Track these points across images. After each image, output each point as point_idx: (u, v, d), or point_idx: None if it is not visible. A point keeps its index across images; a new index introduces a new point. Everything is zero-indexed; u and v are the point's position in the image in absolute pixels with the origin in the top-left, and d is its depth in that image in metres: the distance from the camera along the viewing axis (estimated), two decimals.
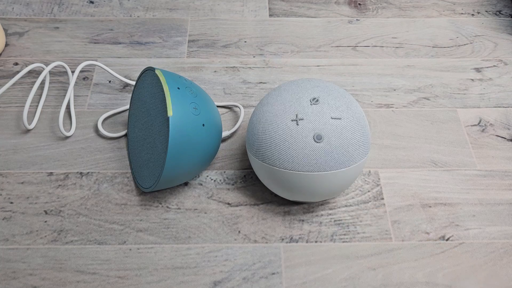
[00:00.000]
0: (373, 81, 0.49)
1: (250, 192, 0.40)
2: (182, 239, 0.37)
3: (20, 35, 0.51)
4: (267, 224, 0.38)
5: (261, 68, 0.50)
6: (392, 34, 0.54)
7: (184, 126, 0.33)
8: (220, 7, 0.56)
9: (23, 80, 0.47)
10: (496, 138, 0.45)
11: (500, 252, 0.37)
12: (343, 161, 0.33)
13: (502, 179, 0.42)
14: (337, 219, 0.39)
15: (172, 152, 0.32)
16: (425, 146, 0.44)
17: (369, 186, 0.41)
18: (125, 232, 0.38)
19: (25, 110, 0.42)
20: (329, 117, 0.33)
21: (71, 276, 0.35)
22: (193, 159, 0.34)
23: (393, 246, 0.38)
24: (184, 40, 0.52)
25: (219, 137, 0.37)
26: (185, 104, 0.33)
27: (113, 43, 0.51)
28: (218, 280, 0.35)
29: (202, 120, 0.34)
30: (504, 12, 0.57)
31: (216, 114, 0.37)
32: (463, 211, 0.40)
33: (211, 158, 0.37)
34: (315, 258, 0.37)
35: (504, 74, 0.50)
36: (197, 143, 0.34)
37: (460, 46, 0.53)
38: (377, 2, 0.58)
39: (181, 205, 0.39)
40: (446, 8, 0.57)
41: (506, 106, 0.47)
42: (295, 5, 0.57)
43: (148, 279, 0.35)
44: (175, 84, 0.34)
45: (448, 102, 0.47)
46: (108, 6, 0.55)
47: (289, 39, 0.53)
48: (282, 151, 0.33)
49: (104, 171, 0.41)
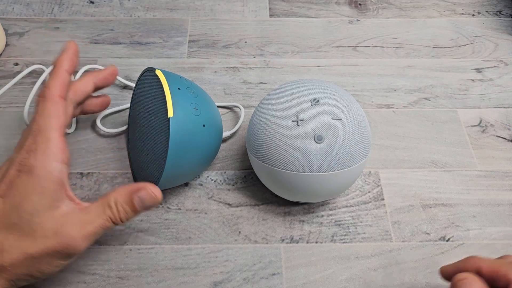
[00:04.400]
0: (373, 81, 0.49)
1: (250, 192, 0.40)
2: (182, 239, 0.37)
3: (20, 35, 0.51)
4: (268, 225, 0.38)
5: (262, 69, 0.50)
6: (393, 35, 0.54)
7: (185, 126, 0.33)
8: (220, 7, 0.56)
9: (23, 80, 0.47)
10: (497, 138, 0.45)
11: (501, 253, 0.37)
12: (343, 162, 0.33)
13: (503, 179, 0.42)
14: (337, 220, 0.39)
15: (172, 153, 0.32)
16: (426, 146, 0.44)
17: (370, 187, 0.41)
18: (126, 232, 0.38)
19: (25, 108, 0.42)
20: (329, 117, 0.33)
21: (71, 277, 0.35)
22: (193, 159, 0.34)
23: (393, 247, 0.38)
24: (185, 40, 0.52)
25: (220, 137, 0.37)
26: (186, 105, 0.33)
27: (113, 43, 0.51)
28: (218, 281, 0.35)
29: (203, 121, 0.34)
30: (504, 12, 0.57)
31: (216, 115, 0.37)
32: (463, 211, 0.40)
33: (211, 159, 0.37)
34: (316, 259, 0.37)
35: (504, 75, 0.50)
36: (198, 143, 0.34)
37: (460, 46, 0.53)
38: (377, 2, 0.58)
39: (182, 206, 0.39)
40: (446, 8, 0.57)
41: (506, 107, 0.47)
42: (296, 5, 0.57)
43: (148, 279, 0.35)
44: (176, 85, 0.34)
45: (449, 103, 0.47)
46: (108, 6, 0.55)
47: (290, 39, 0.53)
48: (282, 151, 0.33)
49: (105, 172, 0.41)
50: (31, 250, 0.28)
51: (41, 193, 0.28)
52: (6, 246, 0.28)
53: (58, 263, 0.29)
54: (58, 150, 0.29)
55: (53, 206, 0.29)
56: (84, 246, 0.29)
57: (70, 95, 0.34)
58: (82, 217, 0.29)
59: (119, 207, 0.30)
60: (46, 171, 0.28)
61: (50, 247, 0.28)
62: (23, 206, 0.28)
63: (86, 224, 0.29)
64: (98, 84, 0.37)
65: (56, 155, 0.29)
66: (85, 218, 0.29)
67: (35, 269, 0.28)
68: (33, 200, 0.28)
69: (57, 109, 0.30)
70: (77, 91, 0.35)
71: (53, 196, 0.29)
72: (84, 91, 0.36)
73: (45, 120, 0.29)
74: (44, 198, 0.28)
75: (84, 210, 0.30)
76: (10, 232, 0.28)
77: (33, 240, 0.28)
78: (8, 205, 0.28)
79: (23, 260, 0.28)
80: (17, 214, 0.28)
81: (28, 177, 0.28)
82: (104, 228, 0.30)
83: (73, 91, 0.34)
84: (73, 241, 0.28)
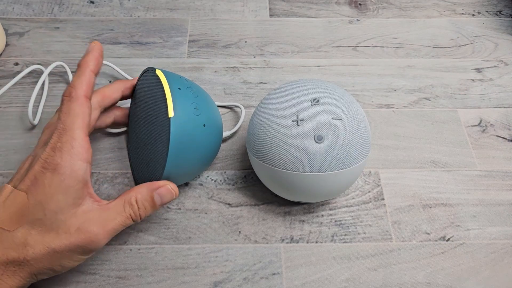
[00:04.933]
0: (373, 81, 0.49)
1: (250, 192, 0.40)
2: (182, 239, 0.37)
3: (20, 35, 0.51)
4: (268, 225, 0.38)
5: (262, 68, 0.50)
6: (393, 34, 0.54)
7: (185, 126, 0.33)
8: (220, 7, 0.56)
9: (23, 80, 0.47)
10: (497, 138, 0.45)
11: (501, 253, 0.37)
12: (343, 162, 0.33)
13: (503, 179, 0.42)
14: (337, 220, 0.39)
15: (173, 153, 0.32)
16: (426, 146, 0.44)
17: (370, 187, 0.41)
18: (126, 232, 0.38)
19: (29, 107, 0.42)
20: (329, 117, 0.33)
21: (71, 276, 0.35)
22: (194, 159, 0.34)
23: (393, 247, 0.38)
24: (185, 40, 0.52)
25: (220, 137, 0.37)
26: (186, 105, 0.33)
27: (113, 43, 0.51)
28: (218, 281, 0.35)
29: (203, 121, 0.34)
30: (504, 12, 0.57)
31: (217, 114, 0.37)
32: (463, 211, 0.40)
33: (212, 158, 0.37)
34: (316, 259, 0.37)
35: (504, 75, 0.50)
36: (198, 143, 0.34)
37: (460, 46, 0.53)
38: (377, 2, 0.58)
39: (182, 206, 0.39)
40: (446, 8, 0.57)
41: (506, 107, 0.47)
42: (296, 5, 0.57)
43: (148, 279, 0.35)
44: (176, 84, 0.34)
45: (449, 103, 0.47)
46: (108, 6, 0.55)
47: (290, 39, 0.53)
48: (282, 151, 0.33)
49: (105, 171, 0.41)
50: (54, 245, 0.29)
51: (66, 192, 0.29)
52: (30, 240, 0.28)
53: (79, 258, 0.30)
54: (83, 149, 0.30)
55: (76, 204, 0.30)
56: (104, 242, 0.30)
57: (98, 100, 0.35)
58: (104, 215, 0.30)
59: (140, 204, 0.32)
60: (71, 170, 0.29)
61: (73, 243, 0.29)
62: (48, 204, 0.29)
63: (108, 221, 0.30)
64: (125, 93, 0.38)
65: (81, 154, 0.30)
66: (106, 216, 0.30)
67: (57, 263, 0.29)
68: (58, 198, 0.29)
69: (83, 109, 0.31)
70: (105, 97, 0.36)
71: (77, 194, 0.30)
72: (112, 97, 0.36)
73: (71, 119, 0.30)
74: (69, 197, 0.29)
75: (105, 207, 0.31)
76: (33, 227, 0.29)
77: (56, 236, 0.29)
78: (33, 201, 0.29)
79: (46, 255, 0.29)
80: (41, 211, 0.29)
81: (53, 175, 0.29)
82: (124, 225, 0.31)
83: (101, 96, 0.35)
84: (95, 237, 0.30)
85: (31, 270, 0.29)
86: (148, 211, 0.32)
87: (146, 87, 0.37)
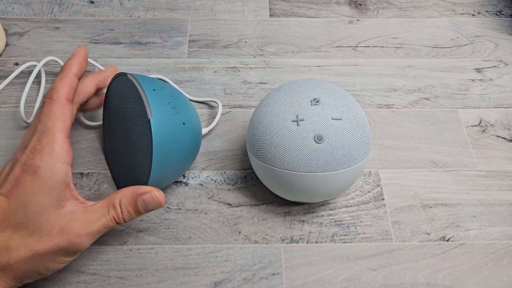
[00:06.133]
0: (373, 81, 0.49)
1: (250, 192, 0.40)
2: (182, 239, 0.37)
3: (20, 35, 0.51)
4: (268, 225, 0.38)
5: (262, 68, 0.50)
6: (393, 35, 0.54)
7: (166, 126, 0.32)
8: (220, 7, 0.56)
9: (22, 80, 0.47)
10: (497, 138, 0.45)
11: (501, 253, 0.37)
12: (343, 162, 0.33)
13: (503, 179, 0.42)
14: (337, 220, 0.39)
15: (157, 154, 0.32)
16: (426, 146, 0.44)
17: (370, 187, 0.41)
18: (126, 232, 0.38)
19: (21, 107, 0.41)
20: (329, 117, 0.33)
21: (71, 277, 0.35)
22: (178, 158, 0.34)
23: (393, 247, 0.38)
24: (185, 40, 0.52)
25: (200, 134, 0.37)
26: (163, 105, 0.33)
27: (113, 43, 0.51)
28: (218, 281, 0.35)
29: (182, 119, 0.34)
30: (504, 12, 0.57)
31: (193, 112, 0.37)
32: (463, 211, 0.40)
33: (194, 156, 0.37)
34: (316, 259, 0.37)
35: (504, 75, 0.50)
36: (181, 142, 0.34)
37: (460, 46, 0.53)
38: (377, 2, 0.58)
39: (182, 206, 0.39)
40: (446, 8, 0.57)
41: (506, 107, 0.47)
42: (296, 5, 0.57)
43: (148, 279, 0.35)
44: (150, 86, 0.34)
45: (449, 103, 0.47)
46: (108, 6, 0.55)
47: (290, 39, 0.53)
48: (282, 151, 0.33)
49: (105, 172, 0.41)
50: (37, 247, 0.28)
51: (48, 193, 0.29)
52: (13, 244, 0.28)
53: (63, 260, 0.30)
54: (63, 151, 0.30)
55: (59, 206, 0.29)
56: (88, 244, 0.30)
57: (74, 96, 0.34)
58: (87, 216, 0.30)
59: (123, 208, 0.31)
60: (52, 172, 0.29)
61: (56, 244, 0.29)
62: (29, 205, 0.28)
63: (91, 223, 0.30)
64: (99, 85, 0.37)
65: (61, 156, 0.29)
66: (89, 217, 0.30)
67: (41, 266, 0.29)
68: (40, 199, 0.28)
69: (64, 111, 0.31)
70: (80, 93, 0.35)
71: (59, 196, 0.29)
72: (87, 92, 0.36)
73: (52, 122, 0.30)
74: (51, 198, 0.29)
75: (89, 209, 0.31)
76: (15, 231, 0.28)
77: (39, 238, 0.28)
78: (14, 204, 0.28)
79: (29, 258, 0.28)
80: (23, 213, 0.28)
81: (33, 178, 0.28)
82: (107, 227, 0.31)
83: (76, 93, 0.35)
84: (78, 239, 0.29)
85: (15, 274, 0.28)
86: (132, 215, 0.31)
87: (119, 93, 0.36)
